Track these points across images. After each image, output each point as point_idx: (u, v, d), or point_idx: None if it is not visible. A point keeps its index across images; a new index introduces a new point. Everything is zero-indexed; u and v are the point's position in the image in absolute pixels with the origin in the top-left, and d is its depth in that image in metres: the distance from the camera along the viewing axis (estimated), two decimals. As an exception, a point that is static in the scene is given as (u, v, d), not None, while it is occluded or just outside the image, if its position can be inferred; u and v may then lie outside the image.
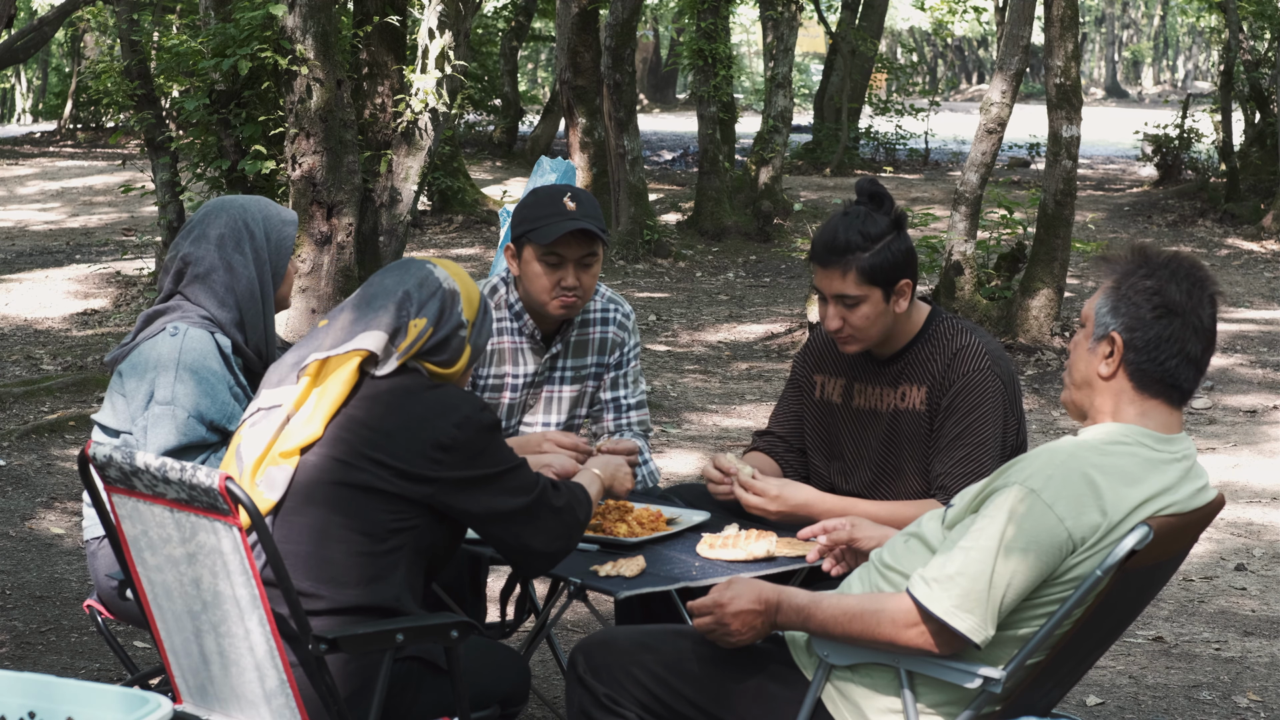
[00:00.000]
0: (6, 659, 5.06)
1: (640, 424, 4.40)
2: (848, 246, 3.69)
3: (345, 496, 3.09)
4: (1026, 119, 20.85)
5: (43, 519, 6.78)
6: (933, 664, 2.94)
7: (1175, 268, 2.95)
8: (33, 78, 35.65)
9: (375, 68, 9.53)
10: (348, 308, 3.27)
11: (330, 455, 3.11)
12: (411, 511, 3.13)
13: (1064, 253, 10.97)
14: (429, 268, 3.30)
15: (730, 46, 17.50)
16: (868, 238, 3.69)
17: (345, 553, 3.09)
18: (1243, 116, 17.74)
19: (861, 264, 3.68)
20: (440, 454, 3.11)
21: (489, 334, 3.41)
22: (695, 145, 19.49)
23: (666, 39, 39.76)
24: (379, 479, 3.09)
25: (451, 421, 3.13)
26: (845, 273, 3.69)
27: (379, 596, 3.10)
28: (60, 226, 16.42)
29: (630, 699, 3.11)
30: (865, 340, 3.77)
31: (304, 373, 3.18)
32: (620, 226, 14.87)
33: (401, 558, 3.14)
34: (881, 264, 3.69)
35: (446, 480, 3.12)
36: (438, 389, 3.21)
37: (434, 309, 3.23)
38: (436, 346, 3.24)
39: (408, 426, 3.12)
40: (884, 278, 3.71)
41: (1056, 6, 10.87)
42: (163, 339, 3.72)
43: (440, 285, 3.27)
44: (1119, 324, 2.94)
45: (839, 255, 3.70)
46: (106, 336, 10.86)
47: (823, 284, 3.75)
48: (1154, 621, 5.75)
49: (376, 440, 3.10)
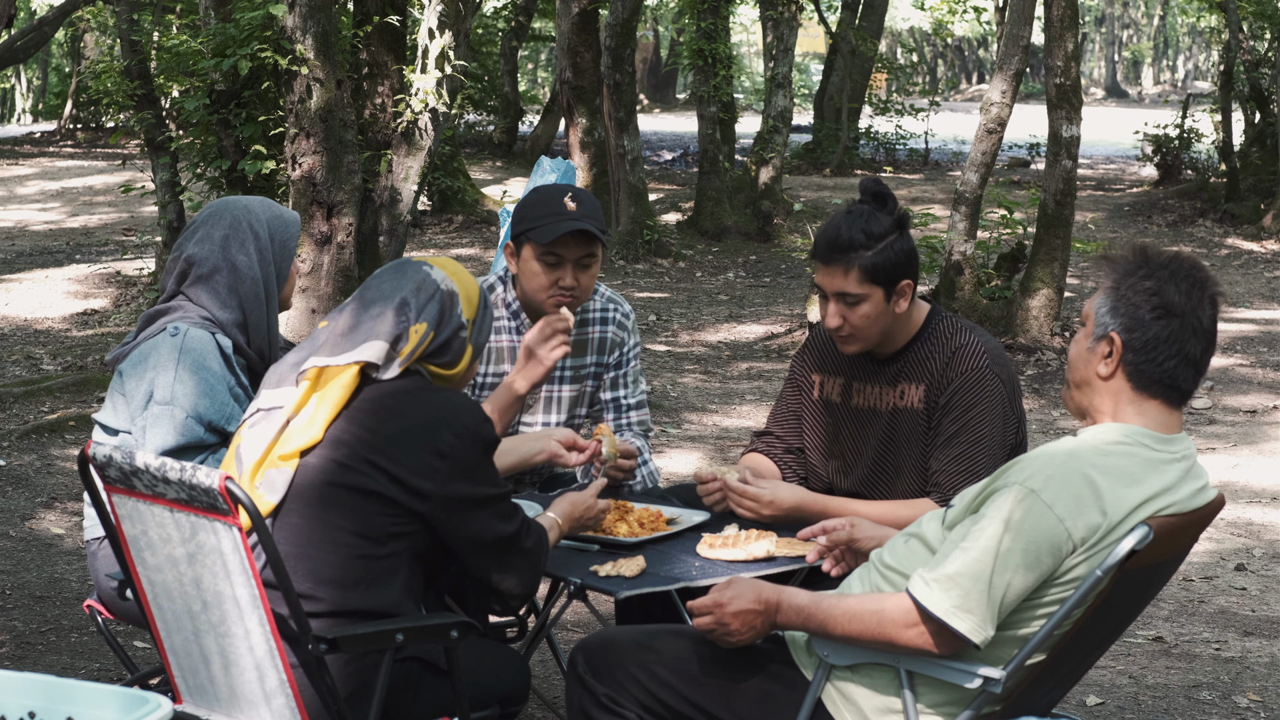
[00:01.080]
0: (6, 659, 5.06)
1: (640, 424, 4.40)
2: (851, 244, 3.69)
3: (345, 499, 3.09)
4: (1026, 119, 20.85)
5: (43, 519, 6.78)
6: (933, 664, 2.94)
7: (1175, 268, 2.95)
8: (33, 78, 35.64)
9: (375, 68, 9.53)
10: (347, 311, 3.25)
11: (330, 458, 3.10)
12: (410, 518, 3.12)
13: (1064, 253, 10.97)
14: (425, 269, 3.28)
15: (730, 46, 17.50)
16: (871, 236, 3.69)
17: (344, 556, 3.08)
18: (1243, 116, 17.75)
19: (864, 262, 3.68)
20: (438, 461, 3.10)
21: (490, 330, 3.40)
22: (695, 145, 19.49)
23: (666, 39, 39.75)
24: (378, 483, 3.09)
25: (452, 430, 3.12)
26: (847, 271, 3.70)
27: (378, 600, 3.10)
28: (60, 226, 16.42)
29: (630, 699, 3.11)
30: (865, 340, 3.77)
31: (304, 377, 3.17)
32: (620, 226, 14.87)
33: (401, 562, 3.14)
34: (883, 263, 3.70)
35: (440, 499, 3.10)
36: (440, 394, 3.20)
37: (434, 312, 3.22)
38: (438, 349, 3.23)
39: (408, 430, 3.11)
40: (886, 277, 3.71)
41: (1056, 6, 10.87)
42: (163, 339, 3.72)
43: (439, 287, 3.25)
44: (1118, 324, 2.94)
45: (841, 253, 3.70)
46: (106, 336, 10.86)
47: (824, 282, 3.75)
48: (1154, 621, 5.75)
49: (376, 443, 3.10)
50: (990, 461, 3.62)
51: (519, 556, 3.23)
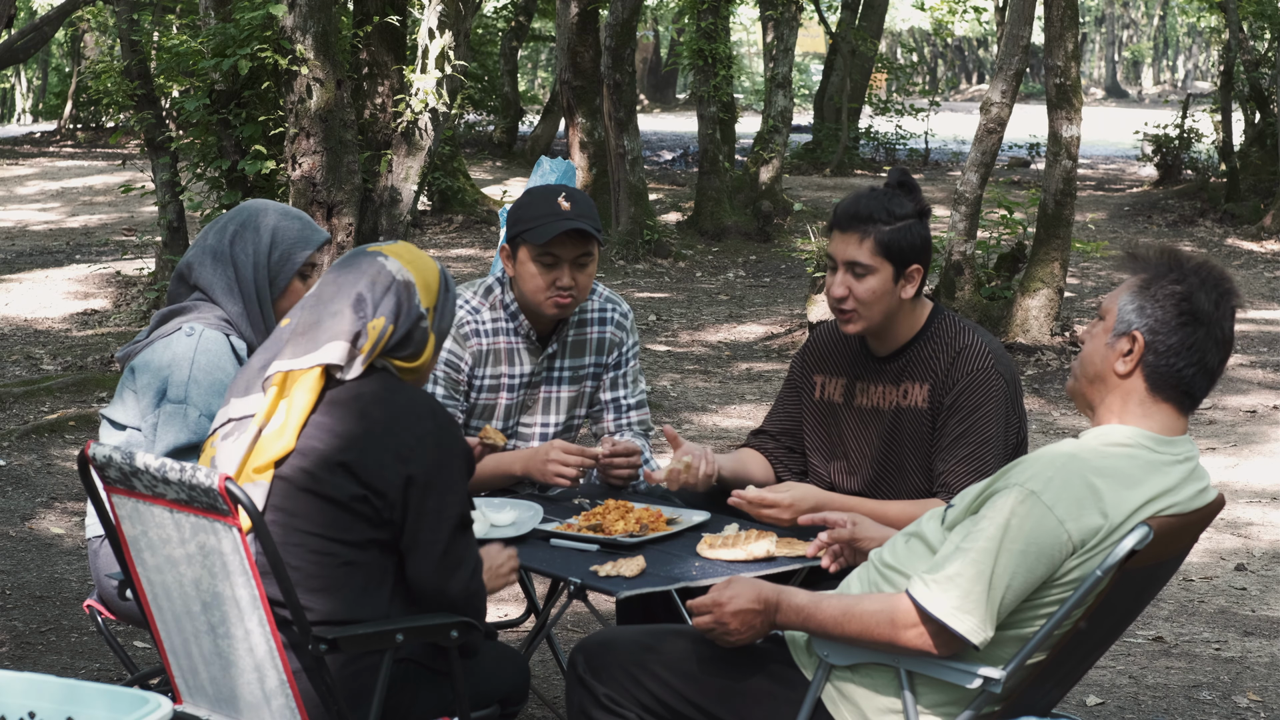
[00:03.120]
0: (6, 659, 5.06)
1: (640, 424, 4.39)
2: (870, 216, 3.73)
3: (323, 508, 3.06)
4: (1026, 119, 20.84)
5: (43, 519, 6.78)
6: (933, 664, 2.94)
7: (1206, 275, 2.93)
8: (33, 78, 35.65)
9: (375, 68, 9.54)
10: (306, 308, 3.19)
11: (303, 468, 3.06)
12: (383, 523, 3.09)
13: (1064, 253, 10.97)
14: (380, 260, 3.21)
15: (730, 46, 17.50)
16: (891, 214, 3.74)
17: (330, 564, 3.06)
18: (1243, 116, 17.75)
19: (881, 235, 3.71)
20: (400, 466, 3.05)
21: (453, 313, 3.33)
22: (695, 145, 19.49)
23: (666, 39, 39.75)
24: (347, 490, 3.05)
25: (414, 434, 3.08)
26: (862, 240, 3.72)
27: (366, 608, 3.08)
28: (60, 226, 16.42)
29: (630, 699, 3.11)
30: (867, 319, 3.77)
31: (270, 383, 3.13)
32: (620, 226, 14.88)
33: (389, 566, 3.12)
34: (898, 241, 3.72)
35: (400, 501, 3.06)
36: (405, 395, 3.15)
37: (390, 306, 3.16)
38: (400, 343, 3.18)
39: (372, 433, 3.07)
40: (899, 255, 3.72)
41: (1056, 6, 10.87)
42: (178, 339, 3.73)
43: (394, 279, 3.19)
44: (1143, 324, 2.93)
45: (860, 222, 3.73)
46: (106, 337, 10.86)
47: (837, 249, 3.76)
48: (1154, 621, 5.75)
49: (344, 447, 3.06)
50: (997, 462, 3.62)
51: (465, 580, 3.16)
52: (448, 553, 3.11)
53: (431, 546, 3.10)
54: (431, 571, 3.11)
